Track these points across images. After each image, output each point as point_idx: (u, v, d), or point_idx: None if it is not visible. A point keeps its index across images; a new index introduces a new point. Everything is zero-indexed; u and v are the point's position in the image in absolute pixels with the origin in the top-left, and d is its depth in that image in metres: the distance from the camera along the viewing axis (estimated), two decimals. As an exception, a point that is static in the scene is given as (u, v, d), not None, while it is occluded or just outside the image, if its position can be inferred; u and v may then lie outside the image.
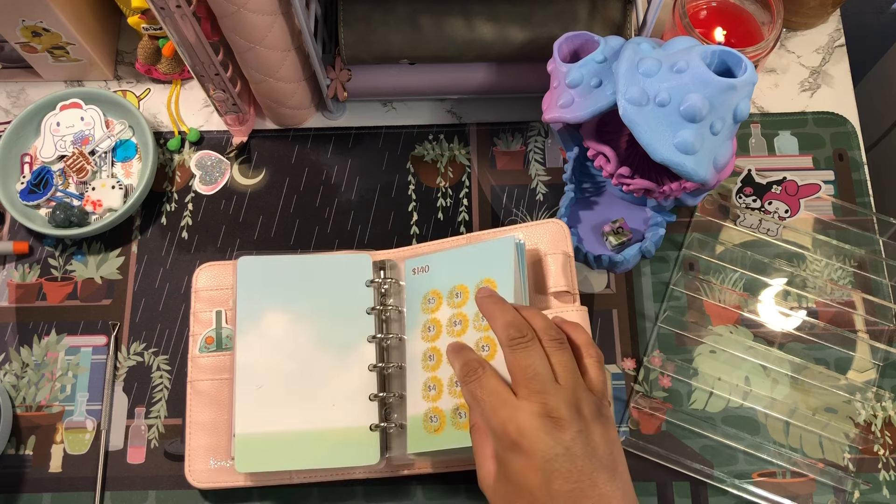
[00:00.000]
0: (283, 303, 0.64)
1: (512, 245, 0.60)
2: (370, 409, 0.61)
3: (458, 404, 0.58)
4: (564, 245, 0.64)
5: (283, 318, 0.63)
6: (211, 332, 0.66)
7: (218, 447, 0.63)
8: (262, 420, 0.61)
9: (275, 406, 0.61)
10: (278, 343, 0.63)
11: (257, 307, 0.64)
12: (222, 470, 0.62)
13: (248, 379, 0.62)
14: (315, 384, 0.62)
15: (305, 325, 0.63)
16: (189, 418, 0.64)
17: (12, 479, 0.65)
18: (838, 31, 0.79)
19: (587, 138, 0.66)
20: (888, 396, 0.65)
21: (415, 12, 0.68)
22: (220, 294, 0.67)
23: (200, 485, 0.62)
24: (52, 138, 0.74)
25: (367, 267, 0.65)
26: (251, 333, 0.63)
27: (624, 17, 0.69)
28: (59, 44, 0.73)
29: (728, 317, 0.68)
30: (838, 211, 0.72)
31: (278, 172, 0.75)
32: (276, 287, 0.64)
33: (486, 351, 0.57)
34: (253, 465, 0.60)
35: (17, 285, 0.71)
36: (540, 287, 0.63)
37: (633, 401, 0.66)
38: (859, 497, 0.63)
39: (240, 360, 0.62)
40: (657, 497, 0.63)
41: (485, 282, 0.60)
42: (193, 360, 0.66)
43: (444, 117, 0.77)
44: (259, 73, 0.67)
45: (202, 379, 0.65)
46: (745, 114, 0.56)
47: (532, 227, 0.65)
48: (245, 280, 0.64)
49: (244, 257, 0.65)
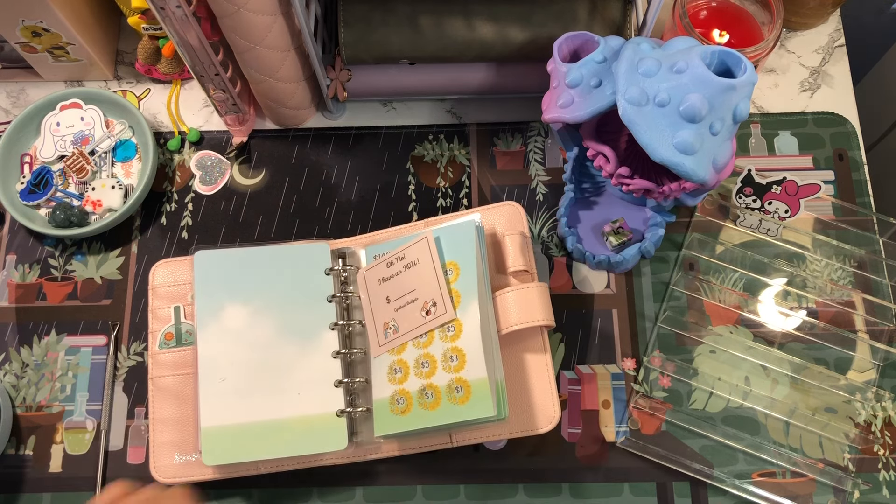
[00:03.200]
0: (243, 294, 0.64)
1: (473, 228, 0.62)
2: (336, 395, 0.62)
3: (425, 385, 0.59)
4: (521, 225, 0.66)
5: (243, 310, 0.64)
6: (170, 328, 0.66)
7: (183, 442, 0.63)
8: (228, 412, 0.61)
9: (240, 398, 0.61)
10: (240, 335, 0.63)
11: (216, 300, 0.64)
12: (188, 464, 0.63)
13: (211, 372, 0.62)
14: (279, 374, 0.62)
15: (266, 316, 0.64)
16: (152, 415, 0.64)
17: (12, 479, 0.65)
18: (838, 31, 0.79)
19: (587, 138, 0.66)
20: (888, 396, 0.65)
21: (415, 12, 0.68)
22: (177, 290, 0.67)
23: (166, 480, 0.62)
24: (52, 138, 0.74)
25: (325, 255, 0.66)
26: (212, 327, 0.63)
27: (624, 17, 0.69)
28: (59, 44, 0.73)
29: (728, 317, 0.68)
30: (838, 211, 0.72)
31: (278, 172, 0.75)
32: (235, 279, 0.64)
33: (451, 331, 0.59)
34: (220, 458, 0.60)
35: (17, 285, 0.71)
36: (500, 267, 0.65)
37: (633, 401, 0.66)
38: (859, 497, 0.63)
39: (202, 353, 0.62)
40: (657, 497, 0.63)
41: (448, 264, 0.62)
42: (154, 357, 0.66)
43: (444, 117, 0.77)
44: (259, 73, 0.67)
45: (164, 375, 0.65)
46: (745, 114, 0.56)
47: (489, 210, 0.66)
48: (203, 274, 0.64)
49: (200, 251, 0.65)
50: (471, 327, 0.59)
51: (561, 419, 0.64)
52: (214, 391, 0.61)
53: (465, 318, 0.60)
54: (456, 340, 0.60)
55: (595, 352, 0.68)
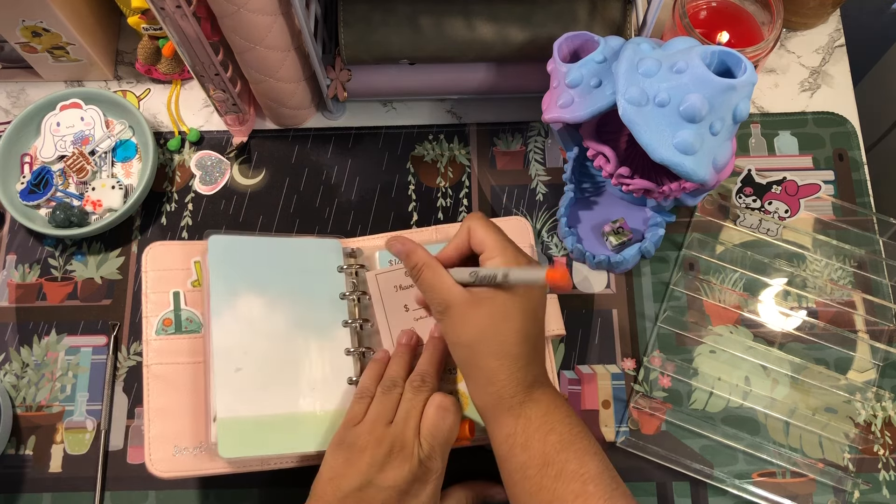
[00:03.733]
0: (258, 284, 0.62)
1: None
2: (349, 393, 0.61)
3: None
4: (528, 239, 0.67)
5: (258, 300, 0.62)
6: (168, 314, 0.64)
7: (181, 433, 0.60)
8: (243, 404, 0.59)
9: (255, 389, 0.59)
10: (255, 325, 0.61)
11: (232, 287, 0.62)
12: (187, 458, 0.60)
13: (226, 362, 0.60)
14: (294, 367, 0.61)
15: (280, 308, 0.62)
16: (147, 405, 0.61)
17: (12, 479, 0.65)
18: (838, 31, 0.79)
19: (587, 138, 0.66)
20: (888, 396, 0.65)
21: (415, 13, 0.68)
22: (171, 274, 0.65)
23: (163, 474, 0.59)
24: (52, 138, 0.74)
25: (337, 252, 0.66)
26: (227, 315, 0.61)
27: (624, 17, 0.69)
28: (59, 44, 0.73)
29: (728, 317, 0.68)
30: (838, 211, 0.72)
31: (278, 172, 0.75)
32: (249, 267, 0.63)
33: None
34: (236, 450, 0.58)
35: (17, 285, 0.71)
36: None
37: (633, 401, 0.66)
38: (859, 497, 0.63)
39: (216, 342, 0.60)
40: (657, 497, 0.63)
41: None
42: (149, 344, 0.63)
43: (444, 117, 0.77)
44: (259, 73, 0.67)
45: (160, 363, 0.62)
46: (745, 114, 0.56)
47: (498, 223, 0.66)
48: (217, 259, 0.62)
49: (214, 236, 0.63)
50: None
51: (561, 419, 0.64)
52: (230, 381, 0.59)
53: None
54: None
55: (595, 352, 0.68)
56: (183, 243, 0.67)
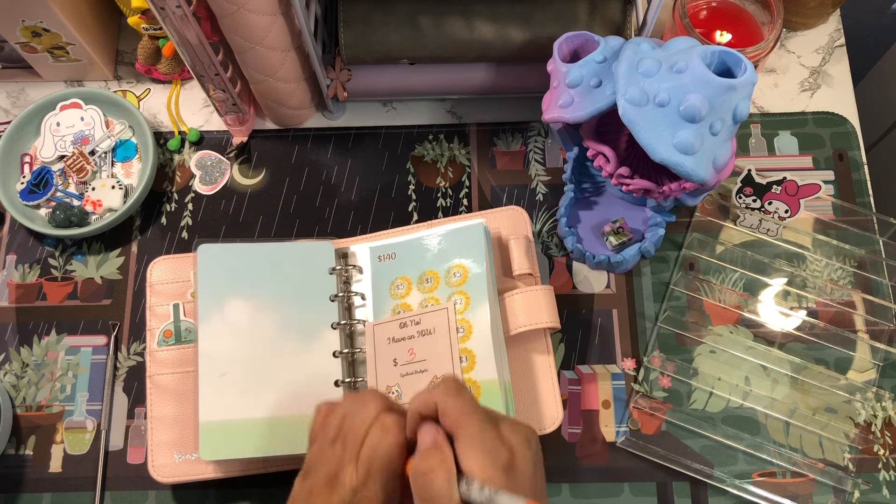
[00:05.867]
0: (246, 290, 0.64)
1: (482, 230, 0.62)
2: (336, 395, 0.62)
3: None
4: (525, 229, 0.67)
5: (245, 306, 0.63)
6: (169, 326, 0.66)
7: (182, 441, 0.63)
8: (227, 407, 0.60)
9: (239, 393, 0.61)
10: (241, 330, 0.63)
11: (219, 294, 0.63)
12: (187, 463, 0.62)
13: (211, 366, 0.61)
14: (279, 371, 0.62)
15: (268, 313, 0.63)
16: (150, 413, 0.64)
17: (12, 479, 0.65)
18: (838, 31, 0.79)
19: (587, 138, 0.66)
20: (888, 396, 0.65)
21: (415, 12, 0.68)
22: (176, 287, 0.67)
23: (165, 480, 0.62)
24: (52, 138, 0.74)
25: (328, 255, 0.66)
26: (214, 321, 0.63)
27: (624, 17, 0.69)
28: (59, 44, 0.73)
29: (728, 317, 0.68)
30: (838, 211, 0.72)
31: (278, 172, 0.75)
32: (238, 274, 0.64)
33: (461, 332, 0.60)
34: (217, 453, 0.60)
35: (17, 285, 0.71)
36: (505, 270, 0.66)
37: (633, 401, 0.66)
38: (859, 497, 0.63)
39: (203, 347, 0.62)
40: (657, 497, 0.63)
41: (456, 266, 0.62)
42: (152, 355, 0.65)
43: (444, 117, 0.77)
44: (259, 73, 0.67)
45: (162, 373, 0.65)
46: (745, 114, 0.56)
47: (492, 214, 0.67)
48: (206, 267, 0.64)
49: (204, 245, 0.64)
50: (481, 329, 0.60)
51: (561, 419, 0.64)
52: (214, 386, 0.61)
53: (474, 320, 0.60)
54: (466, 342, 0.60)
55: (595, 352, 0.68)
56: (186, 256, 0.68)
